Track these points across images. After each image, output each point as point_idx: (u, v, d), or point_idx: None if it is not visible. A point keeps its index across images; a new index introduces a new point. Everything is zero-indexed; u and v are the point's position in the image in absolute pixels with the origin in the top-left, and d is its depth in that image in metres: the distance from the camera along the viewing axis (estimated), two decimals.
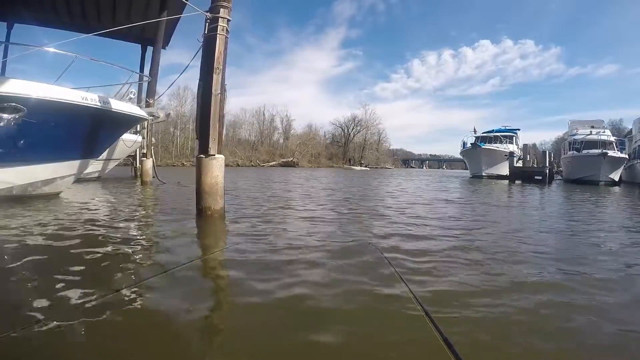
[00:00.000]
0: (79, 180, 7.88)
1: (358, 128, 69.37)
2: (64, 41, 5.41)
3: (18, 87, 5.17)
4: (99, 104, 5.84)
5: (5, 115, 5.20)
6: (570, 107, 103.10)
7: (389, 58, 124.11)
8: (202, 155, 3.62)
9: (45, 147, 5.79)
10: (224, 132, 3.88)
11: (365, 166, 58.87)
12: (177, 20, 12.13)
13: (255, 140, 59.05)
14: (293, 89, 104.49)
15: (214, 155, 3.60)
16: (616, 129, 44.91)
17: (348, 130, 69.19)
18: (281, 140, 63.12)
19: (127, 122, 6.72)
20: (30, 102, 5.23)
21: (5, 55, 9.22)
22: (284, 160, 53.82)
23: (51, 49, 5.66)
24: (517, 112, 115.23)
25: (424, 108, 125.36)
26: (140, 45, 13.93)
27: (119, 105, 6.20)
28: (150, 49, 13.21)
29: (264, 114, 61.87)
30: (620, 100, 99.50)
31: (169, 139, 46.57)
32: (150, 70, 10.15)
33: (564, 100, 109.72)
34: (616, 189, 14.53)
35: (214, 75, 3.57)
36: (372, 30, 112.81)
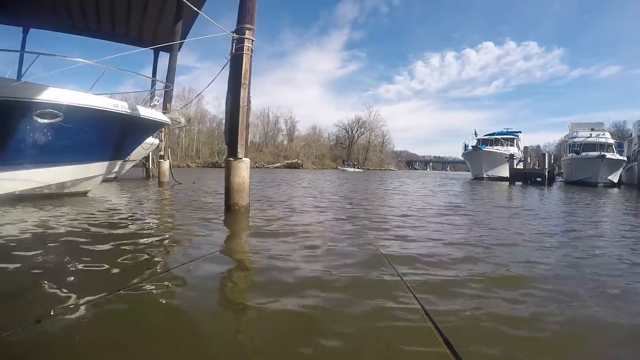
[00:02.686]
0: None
1: (362, 130, 70.08)
2: (106, 57, 5.90)
3: (56, 94, 5.71)
4: (128, 110, 6.42)
5: (44, 120, 5.77)
6: (573, 108, 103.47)
7: (392, 60, 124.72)
8: (231, 159, 4.20)
9: (78, 150, 6.34)
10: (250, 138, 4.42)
11: (358, 167, 59.20)
12: (190, 28, 12.72)
13: (259, 141, 59.76)
14: (297, 90, 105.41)
15: (242, 158, 4.18)
16: (620, 130, 45.09)
17: (352, 131, 69.92)
18: (285, 142, 63.88)
19: (152, 127, 7.31)
20: (67, 108, 5.79)
21: (21, 60, 9.84)
22: (288, 161, 54.42)
23: (79, 59, 6.26)
24: (521, 114, 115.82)
25: (427, 109, 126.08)
26: (152, 51, 14.53)
27: (145, 112, 6.78)
28: (161, 54, 13.88)
29: (268, 116, 62.70)
30: (624, 102, 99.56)
31: (174, 141, 47.27)
32: (166, 77, 10.75)
33: (567, 101, 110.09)
34: (615, 190, 14.89)
35: (241, 89, 4.15)
36: (375, 32, 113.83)
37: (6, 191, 5.65)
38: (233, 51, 4.32)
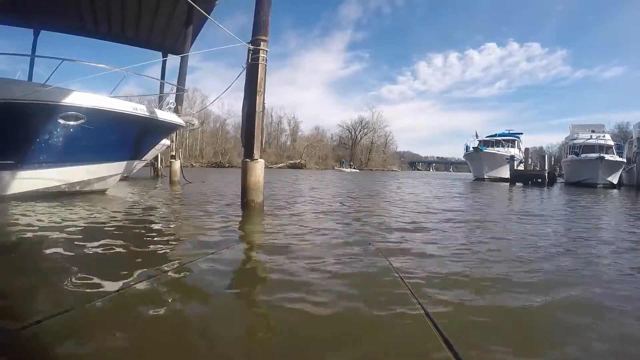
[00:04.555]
0: None
1: (365, 130, 70.60)
2: (132, 66, 6.26)
3: (80, 98, 6.11)
4: (146, 113, 6.84)
5: (68, 122, 6.18)
6: (577, 109, 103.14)
7: (395, 60, 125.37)
8: (247, 159, 4.62)
9: (100, 150, 6.74)
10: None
11: (355, 168, 59.07)
12: (198, 31, 13.09)
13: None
14: (300, 91, 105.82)
15: (257, 159, 4.59)
16: (623, 131, 45.13)
17: (355, 132, 70.37)
18: (288, 142, 64.23)
19: (168, 129, 7.74)
20: (90, 111, 6.20)
21: (32, 63, 10.26)
22: (292, 162, 54.79)
23: (102, 65, 6.68)
24: (525, 115, 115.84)
25: (430, 110, 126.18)
26: (161, 53, 14.92)
27: (162, 115, 7.20)
28: (169, 56, 14.29)
29: (271, 116, 62.86)
30: (627, 102, 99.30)
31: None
32: (178, 80, 11.16)
33: (571, 102, 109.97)
34: (614, 191, 15.14)
35: (257, 97, 4.56)
36: (378, 33, 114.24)
37: (32, 188, 6.06)
38: (249, 61, 4.72)
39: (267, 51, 4.76)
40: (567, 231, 4.14)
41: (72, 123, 6.18)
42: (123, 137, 6.88)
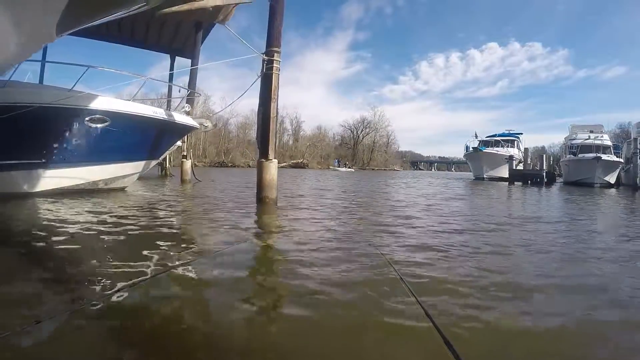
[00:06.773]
0: None
1: (367, 130, 70.80)
2: (153, 76, 6.72)
3: (105, 102, 6.64)
4: (165, 116, 7.35)
5: (95, 125, 6.69)
6: (579, 109, 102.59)
7: (396, 60, 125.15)
8: (262, 160, 5.13)
9: (122, 150, 7.26)
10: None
11: (350, 167, 59.18)
12: (207, 33, 13.55)
13: None
14: (302, 90, 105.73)
15: (272, 159, 5.10)
16: (624, 131, 45.27)
17: (357, 132, 70.67)
18: (291, 142, 64.48)
19: (183, 131, 8.26)
20: (114, 114, 6.71)
21: (43, 66, 10.76)
22: (294, 161, 55.14)
23: (125, 72, 7.21)
24: (526, 114, 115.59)
25: (432, 110, 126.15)
26: (169, 56, 15.40)
27: (178, 117, 7.72)
28: (177, 59, 14.78)
29: None
30: (629, 102, 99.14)
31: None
32: (189, 83, 11.66)
33: (573, 102, 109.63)
34: (612, 190, 15.40)
35: (271, 103, 5.06)
36: (380, 33, 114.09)
37: (59, 186, 6.58)
38: (264, 71, 5.23)
39: (280, 61, 5.26)
40: (567, 232, 4.11)
41: (98, 126, 6.69)
42: (143, 138, 7.40)
